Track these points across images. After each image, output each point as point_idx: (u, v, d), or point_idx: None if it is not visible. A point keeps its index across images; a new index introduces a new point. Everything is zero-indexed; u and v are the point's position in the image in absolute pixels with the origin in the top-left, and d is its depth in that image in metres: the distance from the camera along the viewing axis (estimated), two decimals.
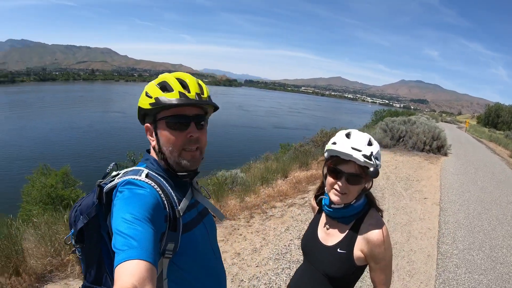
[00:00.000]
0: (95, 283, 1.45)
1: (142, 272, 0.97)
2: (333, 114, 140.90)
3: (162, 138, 1.41)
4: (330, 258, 1.76)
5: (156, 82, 1.44)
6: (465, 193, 10.06)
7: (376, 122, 28.76)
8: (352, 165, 1.67)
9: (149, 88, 1.42)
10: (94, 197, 1.39)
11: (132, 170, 1.42)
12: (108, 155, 33.05)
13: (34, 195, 14.18)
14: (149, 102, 1.37)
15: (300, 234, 5.97)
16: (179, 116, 1.39)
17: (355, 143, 1.66)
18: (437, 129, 17.65)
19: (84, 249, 1.43)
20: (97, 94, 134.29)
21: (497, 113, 67.41)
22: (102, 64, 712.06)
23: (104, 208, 1.38)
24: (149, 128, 1.45)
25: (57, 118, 58.52)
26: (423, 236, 6.40)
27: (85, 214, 1.36)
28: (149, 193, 1.27)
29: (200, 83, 1.48)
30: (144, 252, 1.03)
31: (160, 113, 1.39)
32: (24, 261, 3.94)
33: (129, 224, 1.11)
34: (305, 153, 13.37)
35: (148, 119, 1.45)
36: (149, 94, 1.39)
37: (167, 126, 1.39)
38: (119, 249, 1.04)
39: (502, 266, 5.57)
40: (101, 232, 1.40)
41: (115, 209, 1.21)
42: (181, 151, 1.42)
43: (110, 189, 1.36)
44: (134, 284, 0.93)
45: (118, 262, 1.00)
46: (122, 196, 1.25)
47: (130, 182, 1.30)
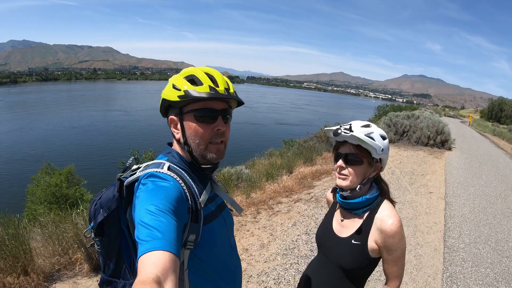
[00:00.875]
0: (113, 276, 1.46)
1: (165, 263, 0.99)
2: (336, 109, 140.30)
3: (189, 130, 1.42)
4: (344, 249, 1.78)
5: (183, 75, 1.45)
6: (470, 187, 10.07)
7: (380, 117, 28.70)
8: (347, 145, 1.74)
9: (176, 81, 1.43)
10: (114, 191, 1.40)
11: (153, 163, 1.44)
12: (111, 154, 33.07)
13: (39, 194, 14.17)
14: (178, 95, 1.37)
15: (307, 229, 6.00)
16: (208, 109, 1.41)
17: (347, 125, 1.74)
18: (441, 124, 17.61)
19: (104, 242, 1.45)
20: (99, 93, 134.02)
21: (500, 107, 67.19)
22: (104, 63, 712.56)
23: (124, 201, 1.40)
24: (174, 120, 1.46)
25: (59, 117, 58.42)
26: (429, 230, 6.41)
27: (106, 208, 1.38)
28: (172, 185, 1.29)
29: (225, 78, 1.48)
30: (168, 243, 1.05)
31: (188, 105, 1.40)
32: (32, 261, 3.95)
33: (153, 215, 1.12)
34: (309, 149, 13.35)
35: (173, 111, 1.45)
36: (177, 87, 1.39)
37: (195, 119, 1.40)
38: (143, 240, 1.06)
39: (508, 260, 5.59)
40: (120, 226, 1.43)
41: (138, 201, 1.22)
42: (208, 144, 1.44)
43: (131, 183, 1.37)
44: (158, 274, 0.94)
45: (142, 253, 1.02)
46: (145, 188, 1.26)
47: (153, 174, 1.31)
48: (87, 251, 4.19)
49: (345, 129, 1.70)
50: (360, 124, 1.74)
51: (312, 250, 5.25)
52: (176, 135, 1.47)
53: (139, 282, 0.90)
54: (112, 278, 1.46)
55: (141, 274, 0.95)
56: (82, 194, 14.79)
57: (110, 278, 1.47)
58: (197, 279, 1.43)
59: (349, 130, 1.68)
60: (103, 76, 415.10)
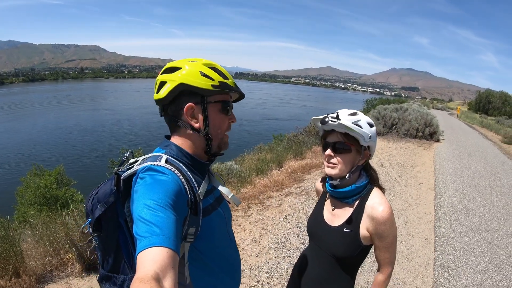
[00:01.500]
0: (112, 271, 1.44)
1: (164, 259, 0.97)
2: (324, 104, 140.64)
3: (215, 121, 1.43)
4: (337, 238, 1.78)
5: (205, 63, 1.43)
6: (459, 177, 10.15)
7: (368, 110, 28.83)
8: (335, 134, 1.73)
9: (204, 69, 1.40)
10: (112, 185, 1.38)
11: (151, 156, 1.40)
12: (100, 153, 32.91)
13: (28, 196, 14.05)
14: (212, 84, 1.37)
15: (298, 223, 6.00)
16: (228, 102, 1.47)
17: (334, 114, 1.72)
18: (429, 116, 17.72)
19: (102, 238, 1.42)
20: (86, 93, 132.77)
21: (488, 99, 67.93)
22: (91, 61, 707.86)
23: (122, 195, 1.38)
24: (193, 108, 1.40)
25: (46, 118, 57.88)
26: (419, 221, 6.45)
27: (103, 202, 1.36)
28: (171, 179, 1.26)
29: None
30: (167, 239, 1.03)
31: (214, 96, 1.41)
32: (24, 263, 3.90)
33: (152, 211, 1.10)
34: (299, 143, 13.39)
35: (192, 99, 1.40)
36: (209, 76, 1.38)
37: (221, 110, 1.44)
38: (142, 236, 1.04)
39: (498, 248, 5.64)
40: (118, 220, 1.40)
41: (137, 196, 1.20)
42: (224, 135, 1.50)
43: (129, 176, 1.35)
44: (156, 271, 0.92)
45: (141, 249, 1.00)
46: (143, 182, 1.23)
47: (151, 168, 1.28)
48: (79, 251, 4.14)
49: (332, 117, 1.69)
50: (347, 112, 1.73)
51: (303, 243, 5.24)
52: (195, 124, 1.43)
53: (138, 279, 0.88)
54: (111, 273, 1.44)
55: (140, 271, 0.93)
56: (72, 195, 14.68)
57: (109, 273, 1.45)
58: (198, 272, 1.43)
59: (336, 118, 1.67)
60: (91, 75, 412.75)
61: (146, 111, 62.20)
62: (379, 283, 1.79)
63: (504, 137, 22.84)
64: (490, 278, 4.68)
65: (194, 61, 1.43)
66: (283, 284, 4.17)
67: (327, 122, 1.68)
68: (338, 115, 1.69)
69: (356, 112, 1.75)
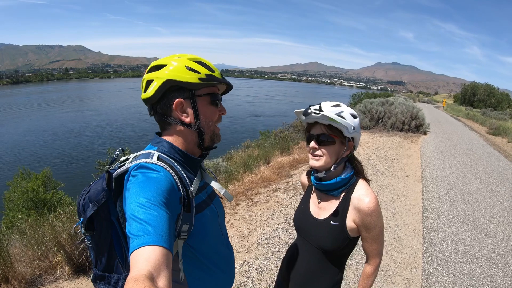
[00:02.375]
0: (106, 270, 1.42)
1: (157, 258, 0.96)
2: (311, 99, 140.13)
3: (205, 114, 1.44)
4: (324, 231, 1.77)
5: (190, 58, 1.43)
6: (446, 169, 10.22)
7: (355, 104, 28.95)
8: (318, 126, 1.72)
9: (189, 63, 1.40)
10: (103, 183, 1.35)
11: (142, 153, 1.39)
12: (86, 155, 32.49)
13: (16, 201, 13.84)
14: (199, 77, 1.37)
15: (286, 218, 5.99)
16: (216, 94, 1.48)
17: (317, 105, 1.72)
18: (415, 109, 17.87)
19: (94, 237, 1.40)
20: (70, 94, 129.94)
21: (473, 91, 68.87)
22: (76, 62, 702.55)
23: (113, 194, 1.35)
24: (182, 103, 1.40)
25: (31, 121, 56.77)
26: (407, 212, 6.47)
27: (95, 201, 1.33)
28: (163, 176, 1.25)
29: None
30: (160, 237, 1.02)
31: (201, 90, 1.41)
32: (12, 267, 3.83)
33: (144, 209, 1.09)
34: (286, 139, 13.40)
35: (181, 94, 1.40)
36: (195, 69, 1.38)
37: (210, 102, 1.45)
38: (135, 235, 1.02)
39: (486, 237, 5.67)
40: (111, 219, 1.38)
41: (129, 194, 1.19)
42: (215, 127, 1.50)
43: (120, 174, 1.33)
44: (150, 270, 0.91)
45: (134, 248, 0.99)
46: (135, 180, 1.22)
47: (143, 165, 1.27)
48: (67, 254, 4.09)
49: (315, 109, 1.67)
50: (330, 104, 1.73)
51: (292, 238, 5.23)
52: (186, 119, 1.42)
53: (132, 279, 0.87)
54: (105, 273, 1.42)
55: (134, 270, 0.92)
56: (60, 198, 14.50)
57: (103, 273, 1.42)
58: (192, 269, 1.44)
59: (319, 110, 1.66)
60: (75, 76, 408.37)
61: (132, 111, 61.66)
62: (368, 275, 1.79)
63: (490, 128, 23.15)
64: (479, 267, 4.71)
65: (179, 57, 1.43)
66: (273, 280, 4.15)
67: (309, 114, 1.67)
68: (321, 107, 1.68)
69: (339, 104, 1.74)
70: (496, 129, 21.84)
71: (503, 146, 16.44)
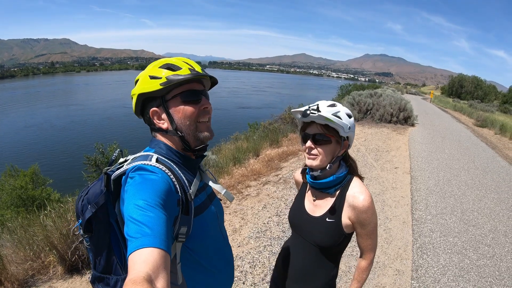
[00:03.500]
0: (104, 272, 1.43)
1: (156, 260, 0.96)
2: (298, 91, 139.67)
3: (178, 115, 1.40)
4: (320, 228, 1.79)
5: (157, 65, 1.43)
6: (434, 161, 10.32)
7: (343, 96, 29.01)
8: (315, 125, 1.72)
9: (153, 71, 1.40)
10: (102, 185, 1.35)
11: (140, 155, 1.39)
12: (74, 150, 32.09)
13: (4, 199, 13.70)
14: (160, 83, 1.35)
15: (277, 211, 6.00)
16: (192, 91, 1.42)
17: (314, 105, 1.70)
18: (403, 101, 17.97)
19: (93, 239, 1.40)
20: (57, 88, 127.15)
21: (461, 83, 69.61)
22: (62, 55, 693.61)
23: (112, 195, 1.36)
24: (157, 112, 1.41)
25: (16, 117, 56.00)
26: (397, 204, 6.52)
27: (93, 203, 1.34)
28: (161, 178, 1.25)
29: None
30: (158, 239, 1.02)
31: (171, 92, 1.38)
32: (5, 269, 3.80)
33: (142, 210, 1.08)
34: (275, 131, 13.36)
35: (154, 103, 1.41)
36: (156, 76, 1.37)
37: (183, 101, 1.40)
38: (133, 237, 1.02)
39: (474, 228, 5.75)
40: (109, 221, 1.39)
41: (127, 196, 1.18)
42: (197, 124, 1.44)
43: (119, 176, 1.33)
44: (148, 272, 0.91)
45: (132, 250, 0.98)
46: (133, 182, 1.21)
47: (141, 167, 1.27)
48: (59, 253, 4.06)
49: (312, 109, 1.67)
50: (326, 104, 1.73)
51: (284, 231, 5.25)
52: (163, 126, 1.43)
53: (130, 281, 0.86)
54: (104, 274, 1.43)
55: (132, 273, 0.91)
56: (49, 194, 14.41)
57: (101, 274, 1.43)
58: (191, 272, 1.43)
59: (317, 110, 1.66)
60: (62, 70, 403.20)
61: (117, 104, 61.13)
62: (363, 269, 1.83)
63: (477, 120, 23.39)
64: (468, 258, 4.76)
65: (150, 66, 1.45)
66: (266, 273, 4.17)
67: (308, 114, 1.66)
68: (318, 107, 1.68)
69: (335, 104, 1.74)
70: (483, 121, 22.07)
71: (490, 138, 16.65)
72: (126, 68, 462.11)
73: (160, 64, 1.41)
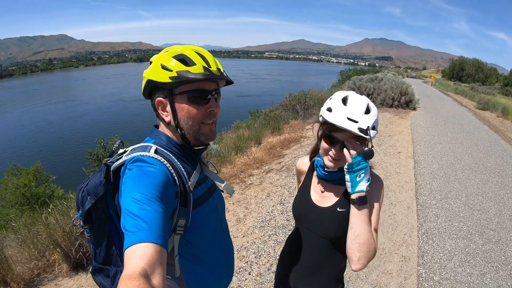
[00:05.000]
0: (105, 263, 1.44)
1: (152, 255, 0.95)
2: (298, 77, 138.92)
3: (181, 112, 1.35)
4: (330, 219, 1.71)
5: (171, 54, 1.35)
6: (437, 144, 10.28)
7: (343, 81, 28.90)
8: (347, 134, 1.53)
9: (165, 60, 1.32)
10: (101, 176, 1.35)
11: (140, 146, 1.37)
12: (75, 145, 32.19)
13: (8, 198, 13.75)
14: (169, 76, 1.28)
15: (281, 199, 5.97)
16: (201, 90, 1.34)
17: (352, 112, 1.51)
18: (404, 85, 17.87)
19: (93, 230, 1.41)
20: (55, 85, 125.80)
21: (461, 66, 69.52)
22: (59, 51, 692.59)
23: (111, 187, 1.35)
24: (162, 102, 1.37)
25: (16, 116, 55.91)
26: (401, 189, 6.50)
27: (93, 194, 1.34)
28: (159, 170, 1.23)
29: (214, 58, 1.42)
30: (154, 234, 1.01)
31: (179, 87, 1.32)
32: (10, 269, 3.78)
33: (139, 204, 1.07)
34: (276, 118, 13.29)
35: (161, 93, 1.36)
36: (168, 67, 1.30)
37: (188, 100, 1.33)
38: (129, 231, 1.02)
39: (479, 213, 5.72)
40: (109, 212, 1.38)
41: (124, 188, 1.17)
42: (200, 125, 1.38)
43: (118, 167, 1.32)
44: (144, 267, 0.90)
45: (128, 245, 0.98)
46: (131, 174, 1.20)
47: (139, 159, 1.26)
48: (64, 251, 4.04)
49: (352, 120, 1.48)
50: (361, 109, 1.52)
51: (288, 219, 5.23)
52: (166, 118, 1.39)
53: (126, 276, 0.86)
54: (104, 266, 1.44)
55: (128, 268, 0.91)
56: (53, 191, 14.47)
57: (101, 265, 1.44)
58: (189, 265, 1.44)
59: (354, 121, 1.48)
60: (60, 66, 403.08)
61: (116, 99, 60.91)
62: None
63: (479, 103, 23.36)
64: (473, 243, 4.75)
65: (165, 52, 1.38)
66: (271, 263, 4.15)
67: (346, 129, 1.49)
68: (356, 117, 1.49)
69: (369, 109, 1.55)
70: (485, 104, 22.03)
71: (492, 121, 16.58)
72: (124, 61, 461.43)
73: (175, 54, 1.34)
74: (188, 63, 1.31)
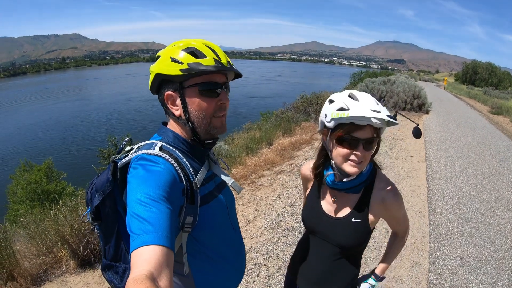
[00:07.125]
0: (114, 260, 1.45)
1: (158, 258, 0.94)
2: (310, 79, 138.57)
3: (192, 105, 1.33)
4: (345, 229, 1.66)
5: (180, 47, 1.33)
6: (450, 149, 10.18)
7: (355, 84, 28.81)
8: (368, 129, 1.46)
9: (174, 53, 1.30)
10: (108, 173, 1.36)
11: (146, 144, 1.36)
12: (87, 143, 32.45)
13: (19, 193, 13.91)
14: (180, 68, 1.26)
15: (291, 201, 5.95)
16: (212, 83, 1.33)
17: (370, 104, 1.45)
18: (417, 88, 17.78)
19: (102, 226, 1.43)
20: (67, 84, 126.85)
21: (474, 70, 69.09)
22: (73, 50, 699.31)
23: (119, 184, 1.34)
24: (172, 96, 1.35)
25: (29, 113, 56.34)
26: (412, 194, 6.45)
27: (101, 191, 1.35)
28: (164, 168, 1.21)
29: (222, 50, 1.40)
30: (160, 236, 1.00)
31: (190, 80, 1.30)
32: (18, 264, 3.80)
33: (144, 205, 1.06)
34: (288, 120, 13.27)
35: (171, 87, 1.34)
36: (178, 60, 1.28)
37: (200, 93, 1.32)
38: (135, 233, 1.01)
39: (492, 219, 5.65)
40: (117, 208, 1.39)
41: (130, 188, 1.16)
42: (211, 119, 1.37)
43: (125, 165, 1.31)
44: (151, 270, 0.89)
45: (134, 248, 0.97)
46: (136, 173, 1.19)
47: (144, 157, 1.24)
48: (71, 247, 4.06)
49: (375, 111, 1.41)
50: (374, 100, 1.49)
51: (298, 221, 5.21)
52: (176, 112, 1.37)
53: (133, 279, 0.85)
54: (113, 262, 1.46)
55: (134, 271, 0.90)
56: (63, 188, 14.62)
57: (110, 262, 1.47)
58: (198, 262, 1.43)
59: (377, 111, 1.41)
60: (73, 64, 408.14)
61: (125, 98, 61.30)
62: (401, 241, 1.88)
63: (492, 107, 23.12)
64: (485, 250, 4.69)
65: (173, 45, 1.36)
66: (280, 265, 4.13)
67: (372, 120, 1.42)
68: (377, 108, 1.43)
69: (377, 101, 1.50)
70: (498, 108, 21.81)
71: (505, 126, 16.41)
72: (137, 60, 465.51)
73: (185, 47, 1.32)
74: (198, 56, 1.30)
